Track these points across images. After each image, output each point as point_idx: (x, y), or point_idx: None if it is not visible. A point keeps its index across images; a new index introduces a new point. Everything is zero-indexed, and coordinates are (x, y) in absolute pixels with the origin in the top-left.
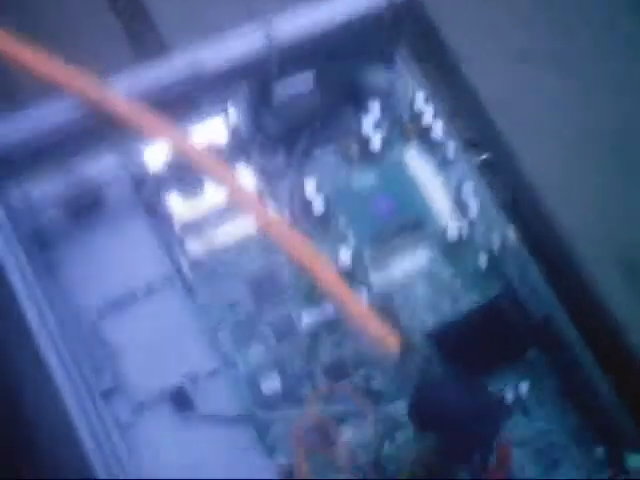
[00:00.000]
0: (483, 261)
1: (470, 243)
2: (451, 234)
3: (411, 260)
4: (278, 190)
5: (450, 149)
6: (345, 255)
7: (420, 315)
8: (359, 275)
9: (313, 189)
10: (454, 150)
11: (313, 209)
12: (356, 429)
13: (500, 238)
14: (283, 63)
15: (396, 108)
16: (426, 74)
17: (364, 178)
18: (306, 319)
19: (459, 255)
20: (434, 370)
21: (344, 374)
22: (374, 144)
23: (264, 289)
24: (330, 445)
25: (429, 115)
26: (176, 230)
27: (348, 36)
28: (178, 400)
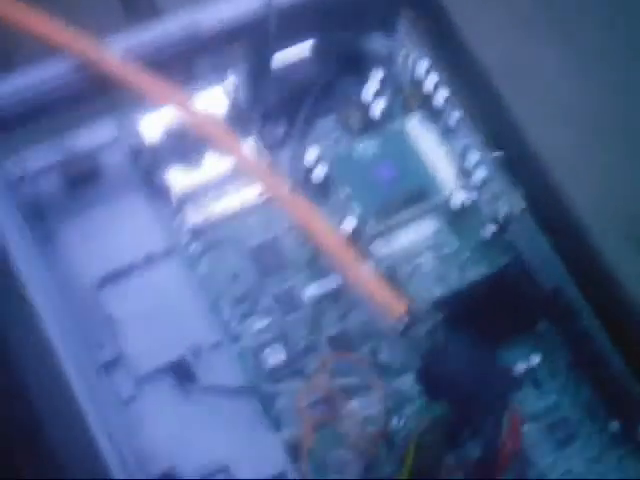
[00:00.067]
0: (490, 231)
1: (476, 213)
2: (456, 203)
3: (416, 231)
4: (279, 161)
5: (453, 118)
6: (348, 225)
7: (426, 286)
8: (363, 246)
9: (314, 158)
10: (457, 119)
11: (314, 179)
12: (363, 402)
13: (507, 207)
14: (282, 31)
15: (398, 77)
16: (428, 43)
17: (366, 147)
18: (310, 291)
19: (465, 225)
20: (441, 338)
21: (349, 347)
22: (375, 113)
23: (267, 260)
24: (336, 417)
25: (431, 83)
26: (175, 201)
27: (349, 4)
28: (180, 373)
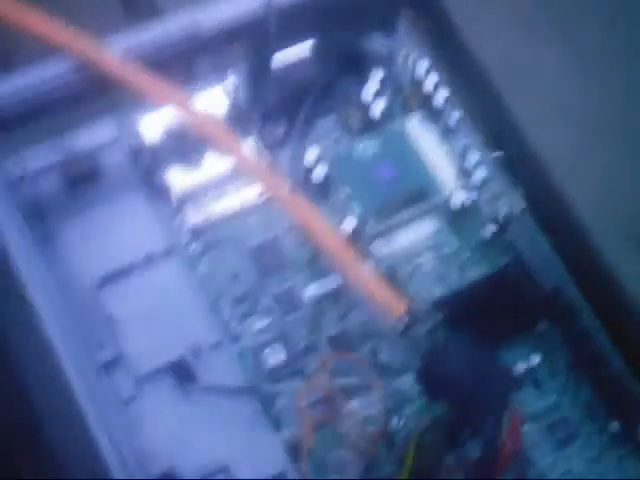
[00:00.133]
0: (490, 231)
1: (476, 213)
2: (456, 203)
3: (416, 231)
4: (279, 161)
5: (453, 118)
6: (348, 225)
7: (426, 286)
8: (363, 246)
9: (314, 158)
10: (457, 118)
11: (314, 179)
12: (363, 402)
13: (507, 207)
14: (282, 31)
15: (398, 77)
16: (428, 43)
17: (366, 147)
18: (310, 291)
19: (465, 225)
20: (441, 338)
21: (349, 347)
22: (375, 113)
23: (267, 260)
24: (336, 417)
25: (431, 83)
26: (175, 201)
27: (349, 4)
28: (180, 373)
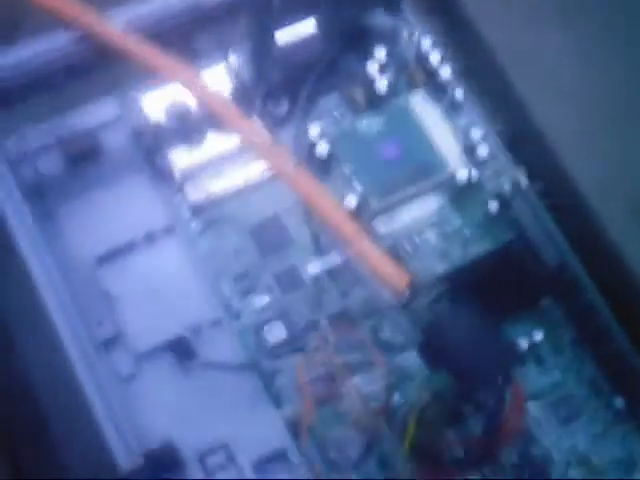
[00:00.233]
0: (493, 207)
1: (480, 189)
2: (460, 180)
3: (420, 207)
4: (282, 139)
5: (457, 94)
6: (351, 202)
7: (430, 263)
8: (366, 222)
9: (317, 135)
10: (461, 95)
11: (318, 155)
12: (365, 378)
13: (510, 183)
14: (286, 7)
15: (402, 53)
16: (432, 19)
17: (369, 124)
18: (311, 269)
19: (468, 202)
20: (444, 309)
21: (351, 324)
22: (380, 90)
23: (268, 238)
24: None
25: (435, 60)
26: (176, 178)
27: None
28: (180, 350)
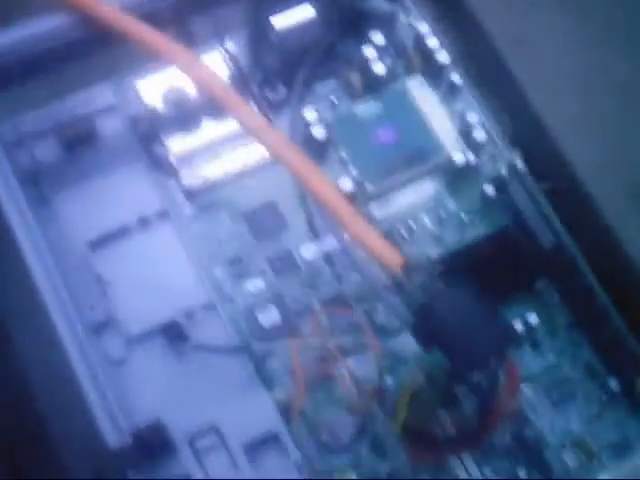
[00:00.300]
0: (490, 191)
1: (476, 173)
2: (456, 164)
3: (415, 192)
4: (279, 124)
5: (454, 78)
6: (347, 186)
7: (426, 247)
8: (362, 207)
9: (314, 120)
10: (458, 79)
11: (314, 140)
12: (358, 361)
13: (506, 167)
14: None
15: (400, 38)
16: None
17: (366, 108)
18: (305, 252)
19: (465, 185)
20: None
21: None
22: (377, 74)
23: (262, 223)
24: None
25: (433, 44)
26: (171, 163)
27: None
28: (171, 334)
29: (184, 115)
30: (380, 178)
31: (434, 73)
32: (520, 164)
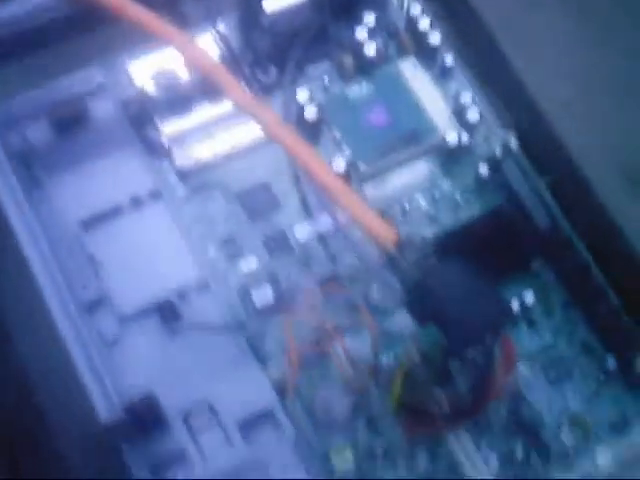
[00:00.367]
0: (484, 171)
1: (470, 153)
2: (450, 144)
3: (410, 172)
4: (271, 106)
5: (447, 59)
6: (340, 166)
7: (420, 227)
8: (356, 187)
9: (306, 101)
10: (451, 60)
11: (307, 120)
12: (353, 340)
13: (500, 147)
14: None
15: (392, 19)
16: None
17: (359, 89)
18: (299, 233)
19: (459, 166)
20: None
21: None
22: (369, 56)
23: (256, 203)
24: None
25: (425, 25)
26: (163, 144)
27: None
28: (165, 313)
29: (176, 96)
30: (374, 159)
31: (427, 54)
32: (514, 144)
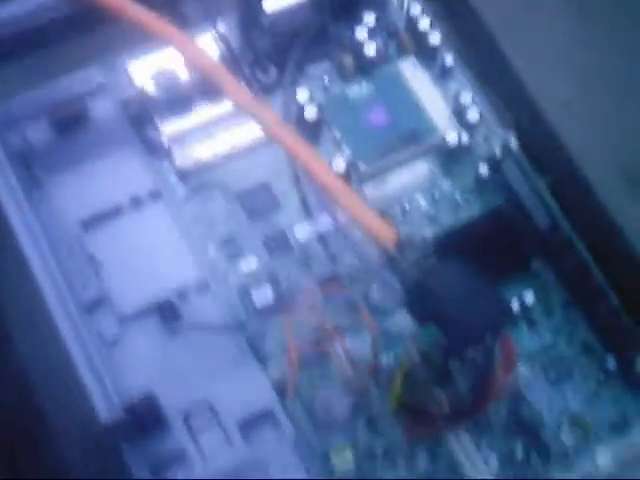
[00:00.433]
0: (484, 172)
1: (470, 153)
2: (450, 144)
3: (409, 172)
4: (271, 106)
5: (447, 59)
6: (340, 166)
7: (420, 228)
8: (356, 187)
9: (306, 101)
10: (451, 60)
11: (307, 120)
12: (353, 340)
13: (500, 147)
14: None
15: (392, 19)
16: None
17: (359, 89)
18: (299, 233)
19: (459, 166)
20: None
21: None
22: (369, 56)
23: (256, 203)
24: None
25: (425, 25)
26: (164, 145)
27: None
28: (165, 313)
29: (176, 96)
30: (374, 159)
31: (427, 54)
32: (514, 144)
